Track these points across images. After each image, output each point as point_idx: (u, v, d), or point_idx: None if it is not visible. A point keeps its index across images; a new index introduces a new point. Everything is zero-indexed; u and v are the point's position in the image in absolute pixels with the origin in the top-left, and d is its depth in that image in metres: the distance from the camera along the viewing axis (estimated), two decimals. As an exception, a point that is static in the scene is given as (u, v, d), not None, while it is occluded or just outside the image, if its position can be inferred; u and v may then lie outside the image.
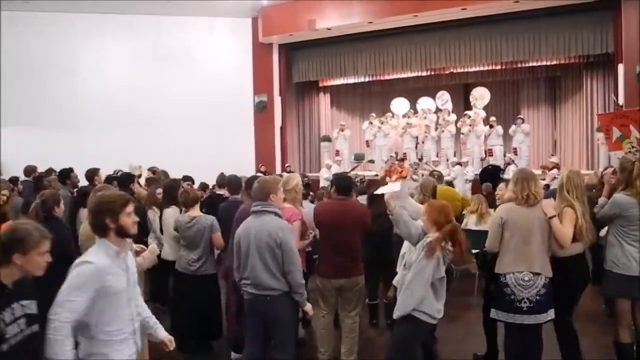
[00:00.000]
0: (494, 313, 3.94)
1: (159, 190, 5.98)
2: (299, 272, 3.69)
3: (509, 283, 3.79)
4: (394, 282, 4.10)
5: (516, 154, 13.21)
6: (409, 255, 3.67)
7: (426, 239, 3.51)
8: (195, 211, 4.99)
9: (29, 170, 8.83)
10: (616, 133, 9.00)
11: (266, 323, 3.78)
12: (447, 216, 3.56)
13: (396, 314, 3.58)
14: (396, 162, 13.50)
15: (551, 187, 10.29)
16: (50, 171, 8.65)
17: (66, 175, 6.90)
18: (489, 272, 4.12)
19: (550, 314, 3.82)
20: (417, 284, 3.47)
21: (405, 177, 12.55)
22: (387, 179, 12.86)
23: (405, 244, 3.99)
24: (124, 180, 6.27)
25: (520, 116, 14.13)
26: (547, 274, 3.79)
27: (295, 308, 3.83)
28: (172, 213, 5.47)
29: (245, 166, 13.21)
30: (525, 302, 3.75)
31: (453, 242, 3.49)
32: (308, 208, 5.03)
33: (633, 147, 8.37)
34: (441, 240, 3.45)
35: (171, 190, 5.70)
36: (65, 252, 3.90)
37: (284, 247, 3.63)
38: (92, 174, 6.72)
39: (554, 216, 3.80)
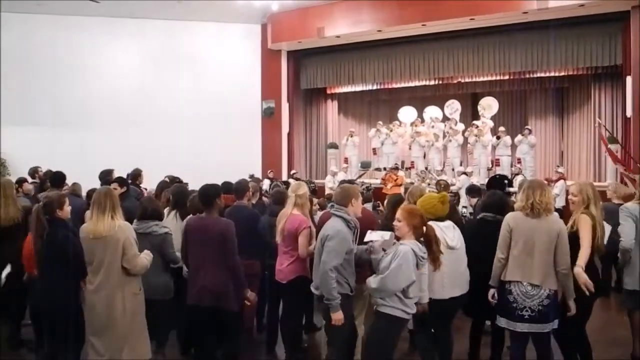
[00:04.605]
0: (498, 320, 3.96)
1: None
2: (328, 273, 3.78)
3: (512, 291, 3.82)
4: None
5: (520, 164, 13.19)
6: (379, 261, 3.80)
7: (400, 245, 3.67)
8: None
9: (33, 172, 8.87)
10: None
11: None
12: (422, 219, 3.73)
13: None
14: (391, 170, 13.50)
15: (557, 196, 10.35)
16: (47, 173, 8.66)
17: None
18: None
19: (554, 324, 3.82)
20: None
21: (401, 185, 12.57)
22: (383, 187, 12.96)
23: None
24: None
25: (527, 127, 14.09)
26: (549, 286, 3.76)
27: (347, 308, 3.93)
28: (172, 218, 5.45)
29: (251, 171, 13.24)
30: (527, 311, 3.76)
31: (433, 242, 3.71)
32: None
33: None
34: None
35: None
36: (65, 253, 3.97)
37: (325, 244, 3.86)
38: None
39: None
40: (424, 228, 3.73)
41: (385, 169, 14.07)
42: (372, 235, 3.93)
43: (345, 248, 3.88)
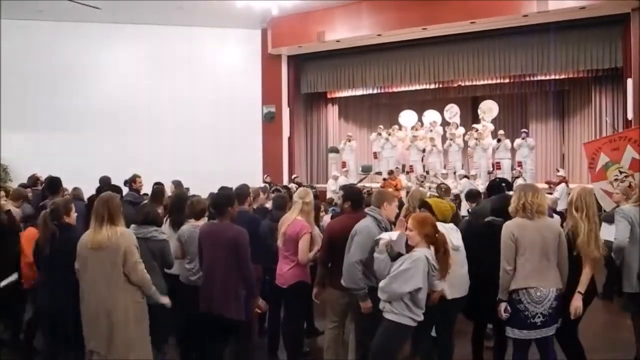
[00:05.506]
0: (509, 331, 3.89)
1: None
2: (354, 265, 4.01)
3: (522, 300, 3.77)
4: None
5: (520, 167, 13.19)
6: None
7: (413, 254, 3.64)
8: (202, 222, 4.96)
9: (33, 179, 8.85)
10: (603, 160, 8.85)
11: None
12: (434, 228, 3.71)
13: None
14: (388, 176, 13.43)
15: (558, 200, 10.33)
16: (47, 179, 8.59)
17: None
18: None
19: (558, 323, 3.85)
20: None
21: (400, 190, 12.53)
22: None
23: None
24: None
25: (524, 130, 14.11)
26: (559, 286, 3.79)
27: (373, 301, 3.99)
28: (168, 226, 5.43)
29: (252, 176, 13.25)
30: (539, 317, 3.75)
31: (443, 251, 3.70)
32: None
33: (621, 172, 8.25)
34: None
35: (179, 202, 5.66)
36: (72, 258, 3.97)
37: (353, 239, 4.08)
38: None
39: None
40: (436, 236, 3.71)
41: (384, 178, 13.97)
42: (382, 235, 3.97)
43: (372, 244, 4.02)
